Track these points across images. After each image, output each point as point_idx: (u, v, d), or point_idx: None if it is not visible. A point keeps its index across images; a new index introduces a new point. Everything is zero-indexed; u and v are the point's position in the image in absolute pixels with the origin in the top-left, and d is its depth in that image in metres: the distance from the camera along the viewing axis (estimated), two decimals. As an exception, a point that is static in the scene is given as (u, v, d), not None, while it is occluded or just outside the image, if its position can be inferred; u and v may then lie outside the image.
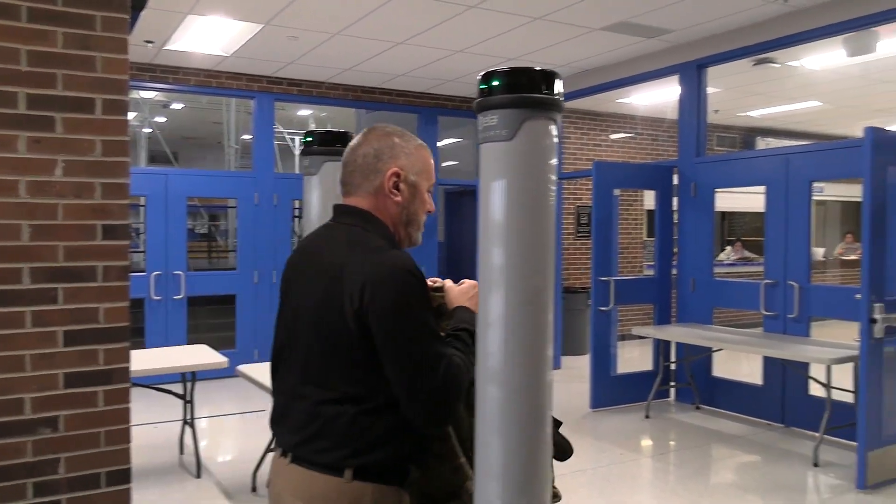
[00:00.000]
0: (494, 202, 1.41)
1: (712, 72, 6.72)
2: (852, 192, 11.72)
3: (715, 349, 6.37)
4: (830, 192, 13.16)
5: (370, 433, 1.56)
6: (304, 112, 11.38)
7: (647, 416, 6.25)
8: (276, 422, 1.71)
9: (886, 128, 4.85)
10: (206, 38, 6.46)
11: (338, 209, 1.73)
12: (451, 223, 10.92)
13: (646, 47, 6.77)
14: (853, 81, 8.23)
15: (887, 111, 6.02)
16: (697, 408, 6.53)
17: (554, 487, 1.71)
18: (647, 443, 5.67)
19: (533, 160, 1.41)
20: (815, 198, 14.05)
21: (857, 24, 5.49)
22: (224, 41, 6.59)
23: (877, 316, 4.41)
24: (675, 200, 6.81)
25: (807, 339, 5.63)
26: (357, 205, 1.69)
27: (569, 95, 8.22)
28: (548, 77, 1.40)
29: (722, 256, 12.50)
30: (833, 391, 5.12)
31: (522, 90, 1.38)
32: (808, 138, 12.08)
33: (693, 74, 6.63)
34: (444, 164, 8.93)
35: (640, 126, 10.60)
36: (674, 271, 6.87)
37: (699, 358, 6.53)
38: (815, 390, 5.54)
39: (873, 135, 4.47)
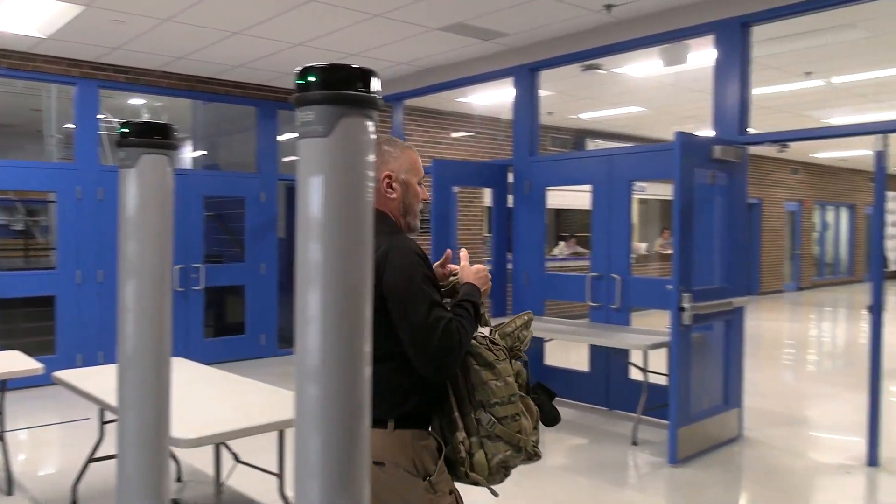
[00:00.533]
0: (311, 198, 1.41)
1: (545, 75, 7.05)
2: (669, 191, 12.71)
3: (547, 339, 6.70)
4: (652, 191, 14.21)
5: (401, 388, 1.91)
6: (137, 101, 10.72)
7: (484, 406, 6.46)
8: None
9: (696, 133, 5.32)
10: (19, 16, 5.93)
11: None
12: (292, 218, 10.71)
13: (482, 49, 6.99)
14: (668, 89, 8.93)
15: (698, 117, 6.60)
16: (532, 396, 6.82)
17: (536, 448, 1.99)
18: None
19: (349, 157, 1.41)
20: (637, 196, 15.11)
21: (671, 37, 5.97)
22: (40, 21, 6.08)
23: (685, 305, 4.83)
24: (510, 198, 7.10)
25: (627, 327, 6.06)
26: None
27: (410, 93, 8.32)
28: (365, 75, 1.41)
29: (556, 251, 13.15)
30: (650, 375, 5.55)
31: (339, 87, 1.38)
32: (632, 141, 12.97)
33: (527, 77, 6.92)
34: (286, 159, 8.76)
35: (479, 125, 10.92)
36: (510, 266, 7.17)
37: (532, 348, 6.83)
38: (635, 375, 5.98)
39: (682, 139, 4.88)
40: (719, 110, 5.55)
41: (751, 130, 5.58)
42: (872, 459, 4.91)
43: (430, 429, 1.97)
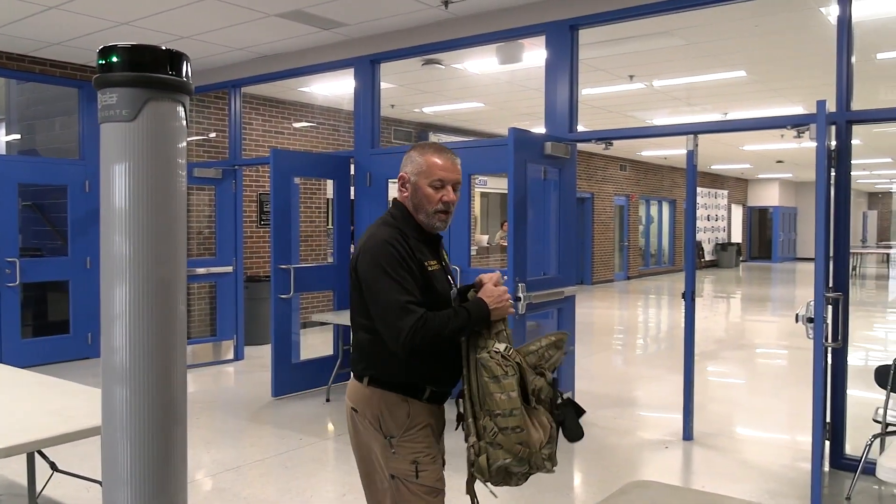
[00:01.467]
0: (115, 187, 1.32)
1: (386, 68, 7.05)
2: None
3: (389, 331, 6.73)
4: (493, 185, 14.65)
5: (378, 355, 2.21)
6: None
7: (327, 400, 6.40)
8: None
9: (531, 129, 5.53)
10: None
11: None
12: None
13: (322, 38, 6.88)
14: (505, 86, 9.24)
15: (534, 115, 6.89)
16: (375, 388, 6.84)
17: (546, 460, 2.10)
18: (327, 426, 5.81)
19: (158, 143, 1.34)
20: (479, 190, 15.47)
21: (506, 36, 6.16)
22: None
23: (520, 295, 5.02)
24: (353, 190, 7.05)
25: (467, 317, 6.20)
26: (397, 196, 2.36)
27: (247, 80, 8.04)
28: (174, 58, 1.34)
29: (401, 243, 13.23)
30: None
31: (145, 69, 1.30)
32: (474, 135, 13.30)
33: (367, 69, 6.89)
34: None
35: (321, 116, 10.76)
36: (352, 258, 7.12)
37: (376, 340, 6.85)
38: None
39: (515, 135, 5.06)
40: (550, 108, 5.81)
41: (580, 128, 5.88)
42: (687, 434, 5.35)
43: (419, 397, 2.22)
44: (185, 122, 1.39)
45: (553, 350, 2.19)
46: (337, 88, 9.14)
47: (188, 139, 8.78)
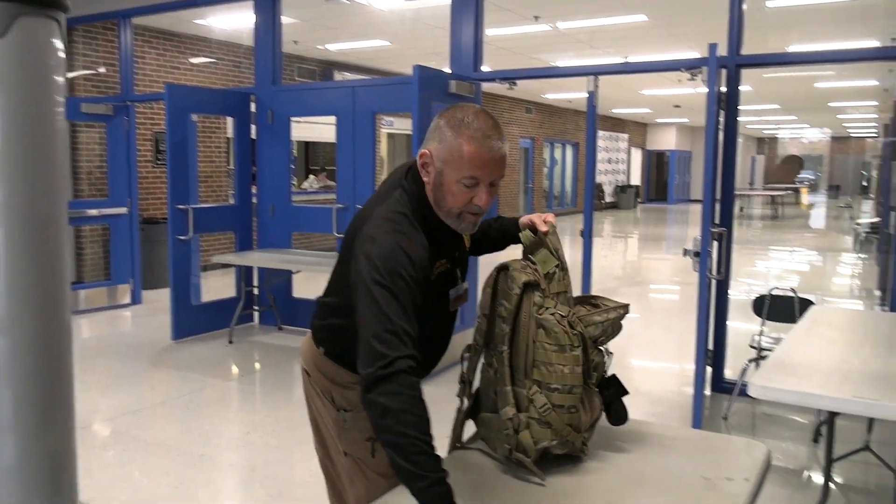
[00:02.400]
0: (-17, 111, 1.24)
1: (287, 2, 6.80)
2: (416, 126, 13.06)
3: (294, 271, 6.68)
4: (400, 126, 14.52)
5: (340, 330, 1.81)
6: None
7: (230, 342, 6.33)
8: None
9: (437, 68, 5.48)
10: None
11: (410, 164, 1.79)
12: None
13: (218, -33, 6.56)
14: (410, 24, 9.10)
15: (441, 54, 6.82)
16: (280, 328, 6.82)
17: (584, 445, 1.79)
18: (230, 367, 5.76)
19: (31, 65, 1.26)
20: (386, 131, 15.30)
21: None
22: None
23: (423, 233, 5.06)
24: (254, 129, 6.85)
25: (372, 257, 6.22)
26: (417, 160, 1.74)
27: (137, 10, 7.61)
28: (47, -29, 1.26)
29: (305, 185, 13.02)
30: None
31: (13, -18, 1.21)
32: (379, 74, 13.08)
33: (267, 1, 6.63)
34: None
35: (220, 51, 10.31)
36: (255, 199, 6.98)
37: (280, 281, 6.79)
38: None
39: (420, 73, 5.02)
40: (455, 47, 5.78)
41: (484, 68, 5.89)
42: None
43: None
44: (61, 43, 1.32)
45: (618, 324, 1.83)
46: (236, 21, 8.76)
47: (75, 73, 8.28)
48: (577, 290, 1.91)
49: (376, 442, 1.79)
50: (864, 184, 32.96)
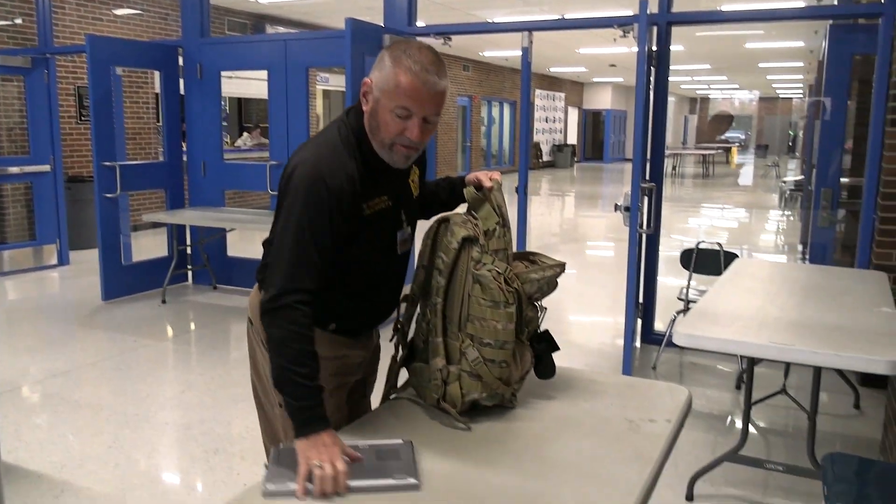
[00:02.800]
0: None
1: (214, -51, 6.56)
2: (353, 82, 12.84)
3: (228, 229, 6.56)
4: (335, 82, 14.26)
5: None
6: None
7: (163, 302, 6.20)
8: None
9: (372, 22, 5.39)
10: None
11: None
12: None
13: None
14: (346, -24, 8.89)
15: (374, 9, 6.67)
16: (215, 288, 6.71)
17: (513, 397, 1.83)
18: (163, 327, 5.66)
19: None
20: (322, 87, 15.04)
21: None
22: None
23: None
24: (182, 83, 6.62)
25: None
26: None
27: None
28: None
29: (239, 142, 12.72)
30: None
31: None
32: (314, 29, 12.78)
33: (194, -51, 6.37)
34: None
35: (146, 2, 9.88)
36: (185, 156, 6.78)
37: (213, 239, 6.66)
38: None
39: (353, 26, 4.93)
40: (389, 1, 5.68)
41: (419, 23, 5.81)
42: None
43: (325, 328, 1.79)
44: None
45: (553, 282, 1.86)
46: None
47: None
48: (515, 249, 1.94)
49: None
50: (790, 143, 34.09)
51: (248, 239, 8.34)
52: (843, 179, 5.41)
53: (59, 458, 3.39)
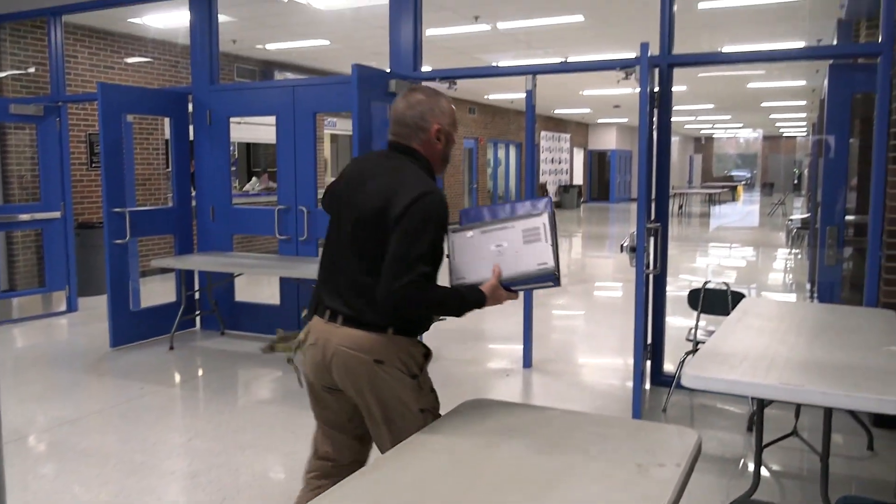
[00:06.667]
0: None
1: (223, 1, 6.71)
2: (359, 126, 13.00)
3: (236, 274, 6.59)
4: (343, 126, 14.44)
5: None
6: None
7: (171, 348, 6.20)
8: (322, 282, 2.38)
9: (377, 68, 5.48)
10: None
11: (394, 146, 2.35)
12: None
13: (152, -35, 6.42)
14: (350, 24, 9.06)
15: (381, 54, 6.80)
16: (223, 333, 6.71)
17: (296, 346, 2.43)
18: (171, 374, 5.65)
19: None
20: (329, 132, 15.22)
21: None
22: None
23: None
24: (192, 129, 6.73)
25: (315, 258, 6.19)
26: (411, 145, 2.31)
27: (69, 8, 7.40)
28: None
29: (248, 187, 12.84)
30: (337, 303, 5.76)
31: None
32: (320, 74, 12.99)
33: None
34: None
35: (156, 50, 10.09)
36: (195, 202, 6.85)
37: (221, 284, 6.69)
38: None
39: (360, 72, 5.01)
40: (395, 46, 5.79)
41: (425, 68, 5.91)
42: (527, 362, 5.68)
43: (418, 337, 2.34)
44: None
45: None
46: (172, 20, 8.59)
47: (4, 73, 8.00)
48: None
49: (434, 392, 2.35)
50: (796, 181, 34.16)
51: (255, 283, 8.38)
52: (848, 217, 5.41)
53: (65, 507, 3.36)
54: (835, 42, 7.57)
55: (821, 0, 7.33)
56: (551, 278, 2.21)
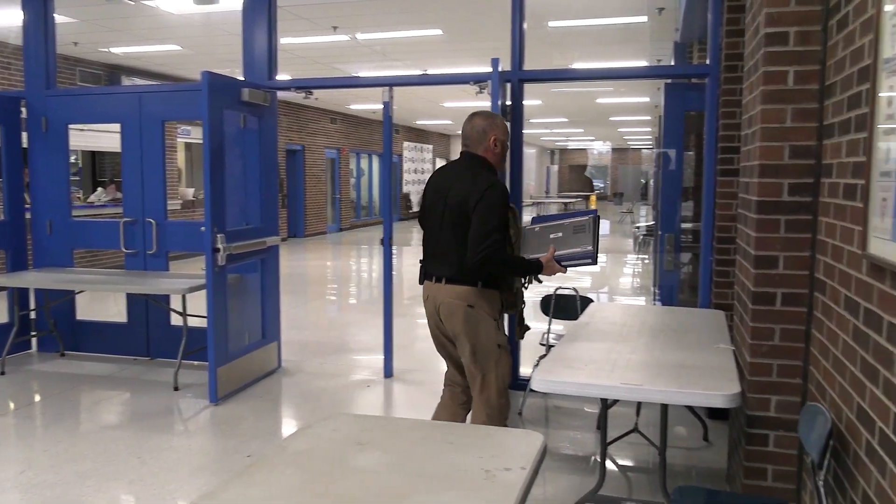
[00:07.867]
0: None
1: (61, 1, 6.28)
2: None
3: (77, 291, 6.16)
4: (198, 135, 13.89)
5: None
6: None
7: (2, 373, 5.70)
8: (428, 257, 3.40)
9: (230, 76, 5.31)
10: None
11: (466, 154, 3.36)
12: None
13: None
14: (201, 29, 8.75)
15: (235, 61, 6.59)
16: (62, 355, 6.25)
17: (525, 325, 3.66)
18: (3, 401, 5.18)
19: None
20: (183, 140, 14.61)
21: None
22: None
23: (219, 245, 4.88)
24: (26, 136, 6.23)
25: (165, 273, 5.90)
26: (477, 153, 3.32)
27: None
28: None
29: (93, 198, 12.06)
30: (190, 319, 5.52)
31: None
32: (171, 80, 12.45)
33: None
34: None
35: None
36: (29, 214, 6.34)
37: (61, 303, 6.23)
38: (176, 320, 5.88)
39: (210, 79, 4.84)
40: (248, 55, 5.65)
41: (282, 76, 5.80)
42: (388, 372, 5.68)
43: (500, 288, 3.31)
44: None
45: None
46: (3, 17, 7.94)
47: None
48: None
49: (506, 333, 3.43)
50: (643, 191, 36.38)
51: (101, 300, 7.86)
52: (685, 225, 5.82)
53: None
54: (672, 63, 8.13)
55: (660, 23, 7.87)
56: (590, 256, 3.20)
